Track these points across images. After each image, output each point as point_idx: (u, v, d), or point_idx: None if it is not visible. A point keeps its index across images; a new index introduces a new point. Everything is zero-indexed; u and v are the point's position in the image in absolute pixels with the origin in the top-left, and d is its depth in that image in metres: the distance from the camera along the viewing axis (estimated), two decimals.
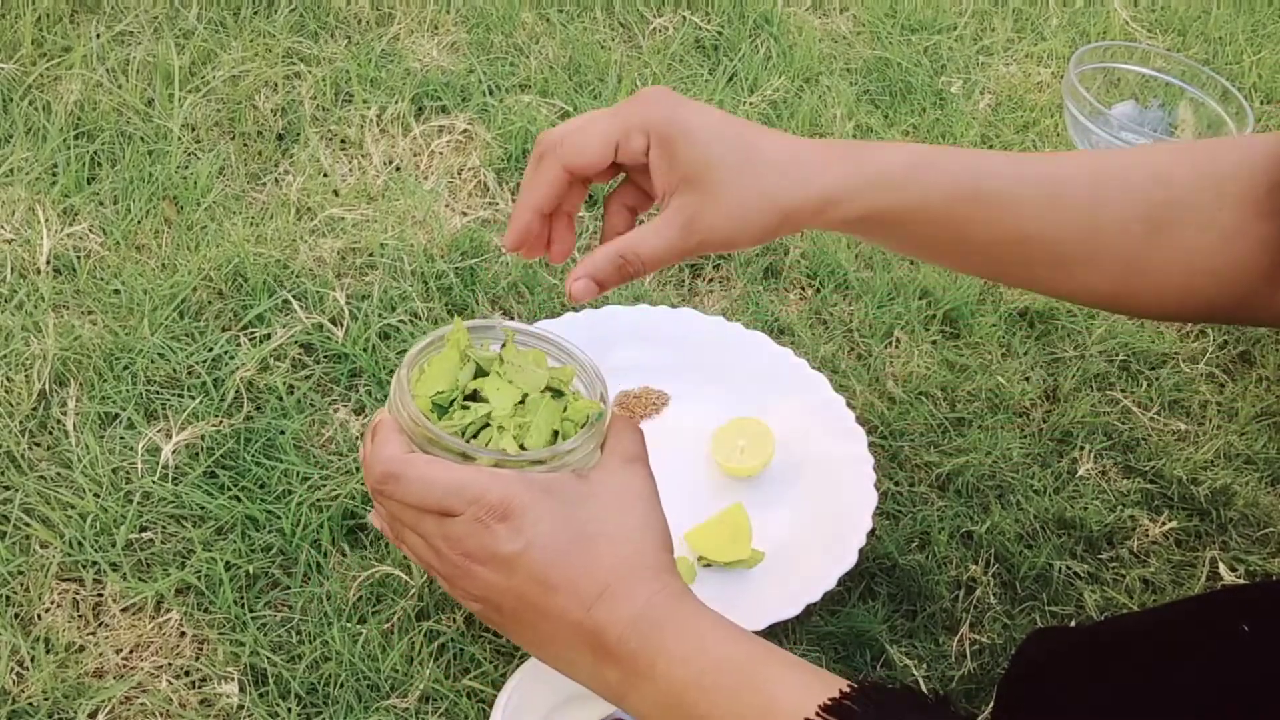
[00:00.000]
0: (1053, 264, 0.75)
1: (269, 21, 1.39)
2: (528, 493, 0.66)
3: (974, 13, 1.58)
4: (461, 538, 0.66)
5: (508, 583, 0.66)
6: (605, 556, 0.66)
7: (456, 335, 0.76)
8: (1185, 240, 0.72)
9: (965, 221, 0.72)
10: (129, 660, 0.85)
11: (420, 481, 0.67)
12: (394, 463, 0.67)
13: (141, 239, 1.14)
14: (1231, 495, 1.05)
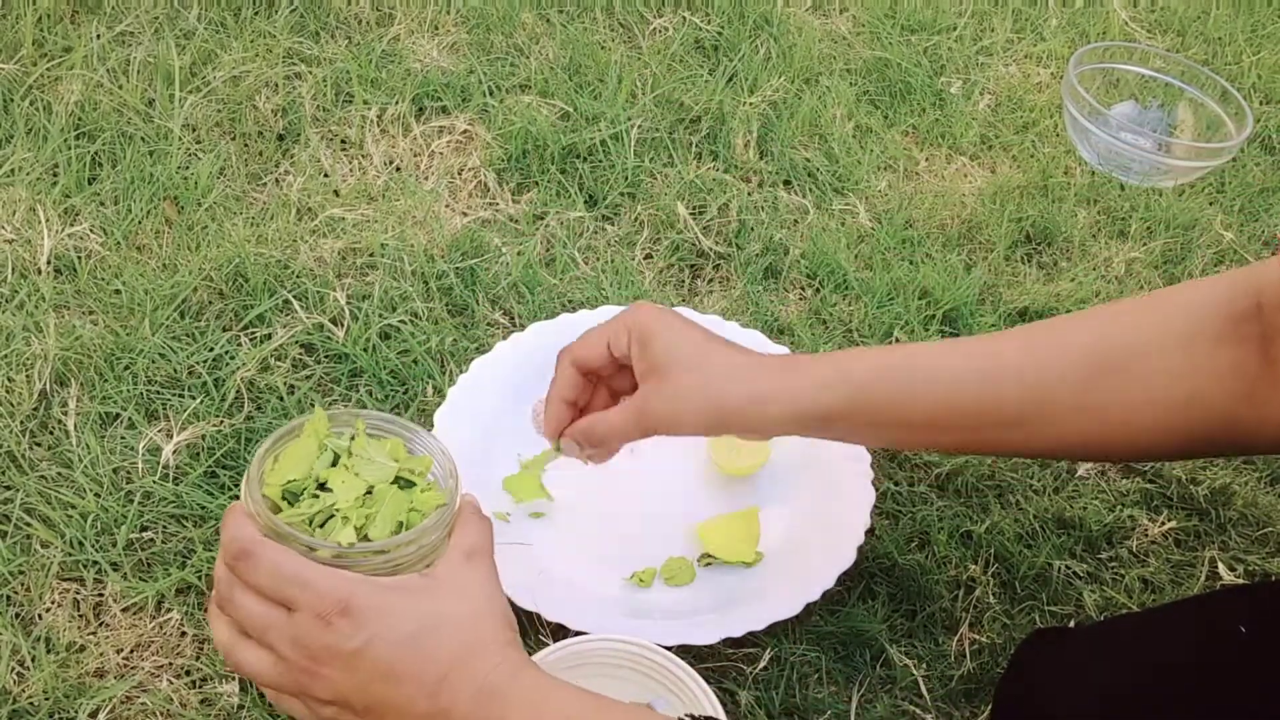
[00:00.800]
0: (999, 427, 0.79)
1: (269, 22, 1.39)
2: (369, 589, 0.70)
3: (973, 13, 1.58)
4: (305, 638, 0.69)
5: (353, 680, 0.69)
6: (446, 642, 0.70)
7: (315, 423, 0.79)
8: (1137, 379, 0.75)
9: (902, 407, 0.79)
10: (129, 660, 0.85)
11: (270, 563, 0.70)
12: (249, 542, 0.71)
13: (142, 239, 1.15)
14: (1231, 495, 1.05)
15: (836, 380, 0.78)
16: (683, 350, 0.80)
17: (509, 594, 0.88)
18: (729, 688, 0.88)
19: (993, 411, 0.77)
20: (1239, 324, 0.74)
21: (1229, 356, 0.73)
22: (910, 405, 0.78)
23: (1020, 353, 0.77)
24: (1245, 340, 0.74)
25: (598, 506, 0.99)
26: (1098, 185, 1.35)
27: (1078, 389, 0.76)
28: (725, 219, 1.25)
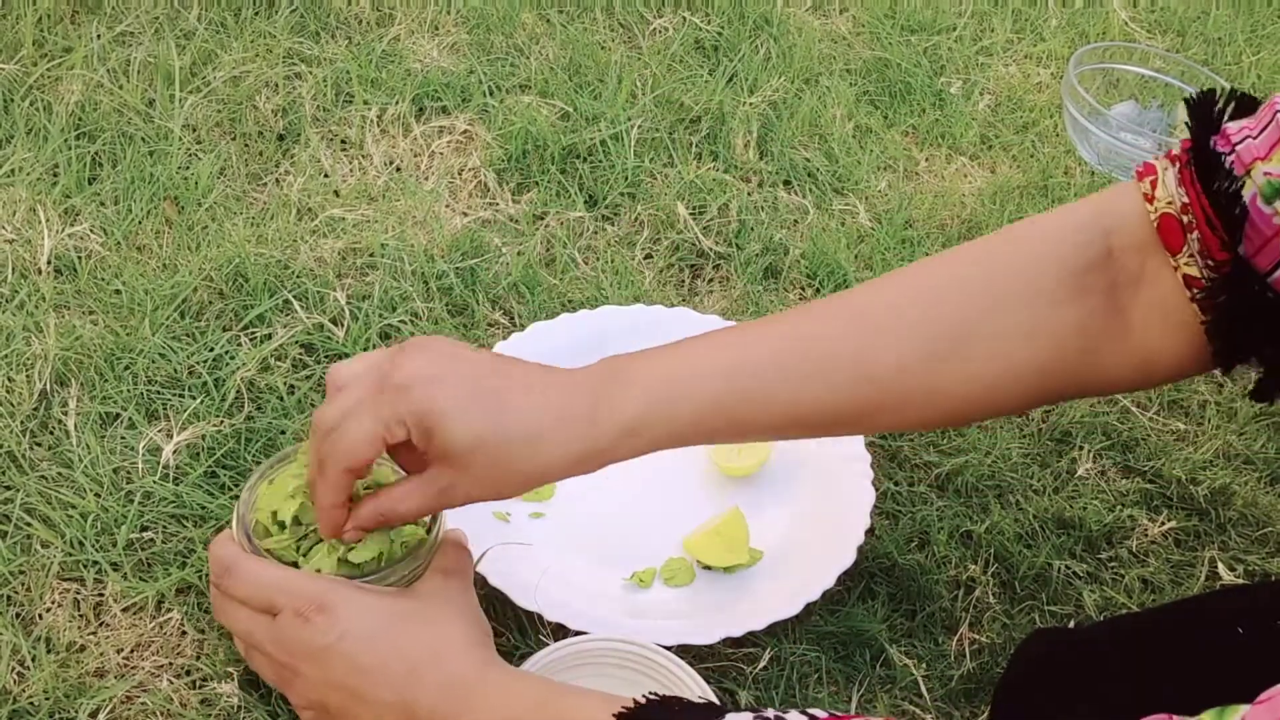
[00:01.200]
0: (850, 423, 0.75)
1: (269, 22, 1.39)
2: (347, 590, 0.73)
3: (973, 13, 1.58)
4: (284, 638, 0.72)
5: (325, 676, 0.71)
6: (416, 637, 0.72)
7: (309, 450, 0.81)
8: (976, 359, 0.71)
9: (740, 422, 0.73)
10: (130, 660, 0.85)
11: (251, 574, 0.74)
12: (229, 559, 0.75)
13: (142, 239, 1.15)
14: (1230, 495, 1.05)
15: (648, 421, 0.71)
16: (473, 434, 0.69)
17: (509, 594, 0.89)
18: (729, 688, 0.88)
19: (840, 414, 0.74)
20: (1083, 277, 0.70)
21: (1072, 316, 0.70)
22: (752, 422, 0.73)
23: (854, 345, 0.72)
24: (1089, 293, 0.70)
25: (598, 506, 0.99)
26: (1098, 185, 1.35)
27: (919, 376, 0.72)
28: (725, 219, 1.25)
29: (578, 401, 0.71)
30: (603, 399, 0.71)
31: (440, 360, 0.71)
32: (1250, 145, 0.64)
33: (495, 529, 0.96)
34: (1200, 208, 0.66)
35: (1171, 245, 0.68)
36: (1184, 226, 0.67)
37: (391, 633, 0.72)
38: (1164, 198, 0.68)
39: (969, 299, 0.72)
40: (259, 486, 0.82)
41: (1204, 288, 0.67)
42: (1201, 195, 0.66)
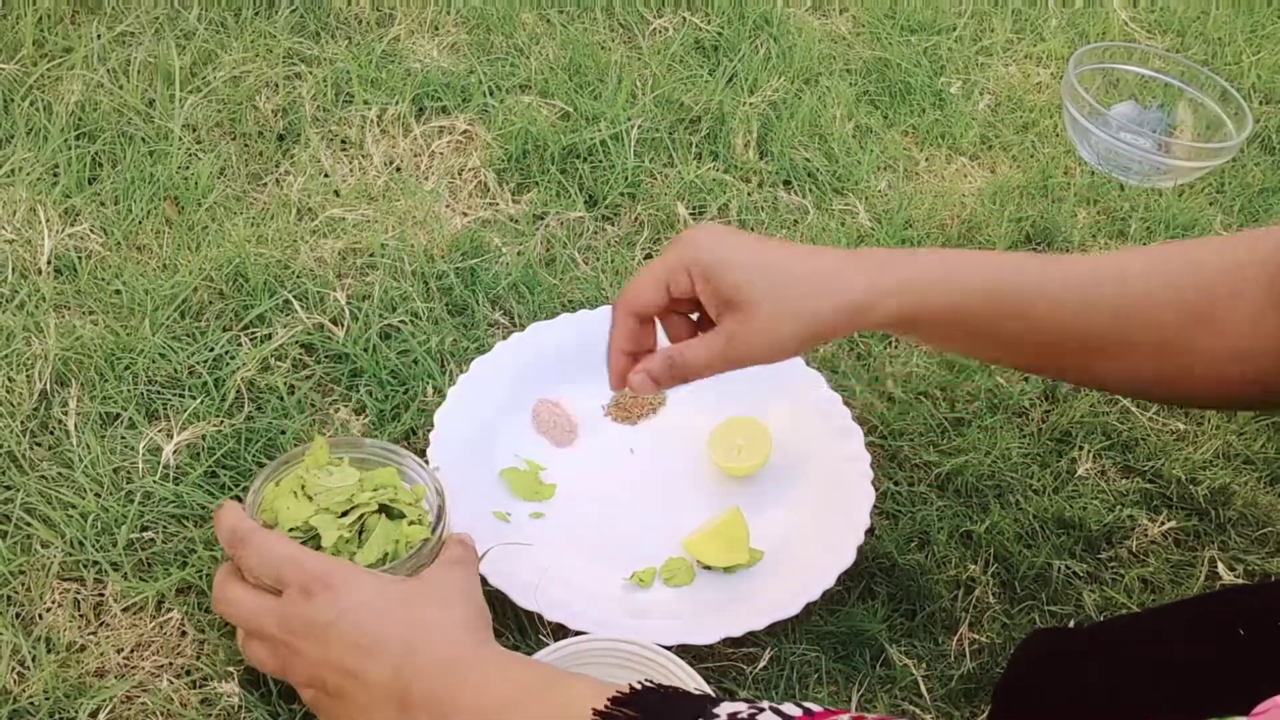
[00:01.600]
0: (1083, 353, 0.78)
1: (270, 22, 1.40)
2: (353, 570, 0.74)
3: (973, 13, 1.58)
4: (287, 613, 0.73)
5: (324, 654, 0.71)
6: (416, 618, 0.72)
7: (315, 452, 0.85)
8: (1215, 327, 0.74)
9: (996, 319, 0.77)
10: (130, 660, 0.85)
11: (263, 546, 0.75)
12: (244, 530, 0.76)
13: (142, 239, 1.15)
14: (1230, 495, 1.05)
15: (931, 285, 0.76)
16: (754, 277, 0.76)
17: (509, 594, 0.89)
18: (729, 687, 0.88)
19: (1079, 338, 0.77)
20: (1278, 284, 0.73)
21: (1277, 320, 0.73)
22: (1004, 327, 0.77)
23: (1116, 285, 0.76)
24: None
25: (598, 506, 0.99)
26: (1097, 185, 1.35)
27: (1167, 333, 0.75)
28: (725, 219, 1.25)
29: (857, 258, 0.77)
30: (883, 259, 0.77)
31: (720, 230, 0.79)
32: None
33: (495, 529, 0.96)
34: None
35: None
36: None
37: (391, 612, 0.72)
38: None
39: (1222, 273, 0.75)
40: (264, 488, 0.83)
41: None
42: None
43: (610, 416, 1.06)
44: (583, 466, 1.02)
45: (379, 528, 0.81)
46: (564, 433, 1.04)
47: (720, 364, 0.79)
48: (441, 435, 0.99)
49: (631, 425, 1.06)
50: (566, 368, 1.06)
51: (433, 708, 0.69)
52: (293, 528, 0.81)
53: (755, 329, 0.76)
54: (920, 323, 0.77)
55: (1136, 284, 0.76)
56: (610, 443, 1.05)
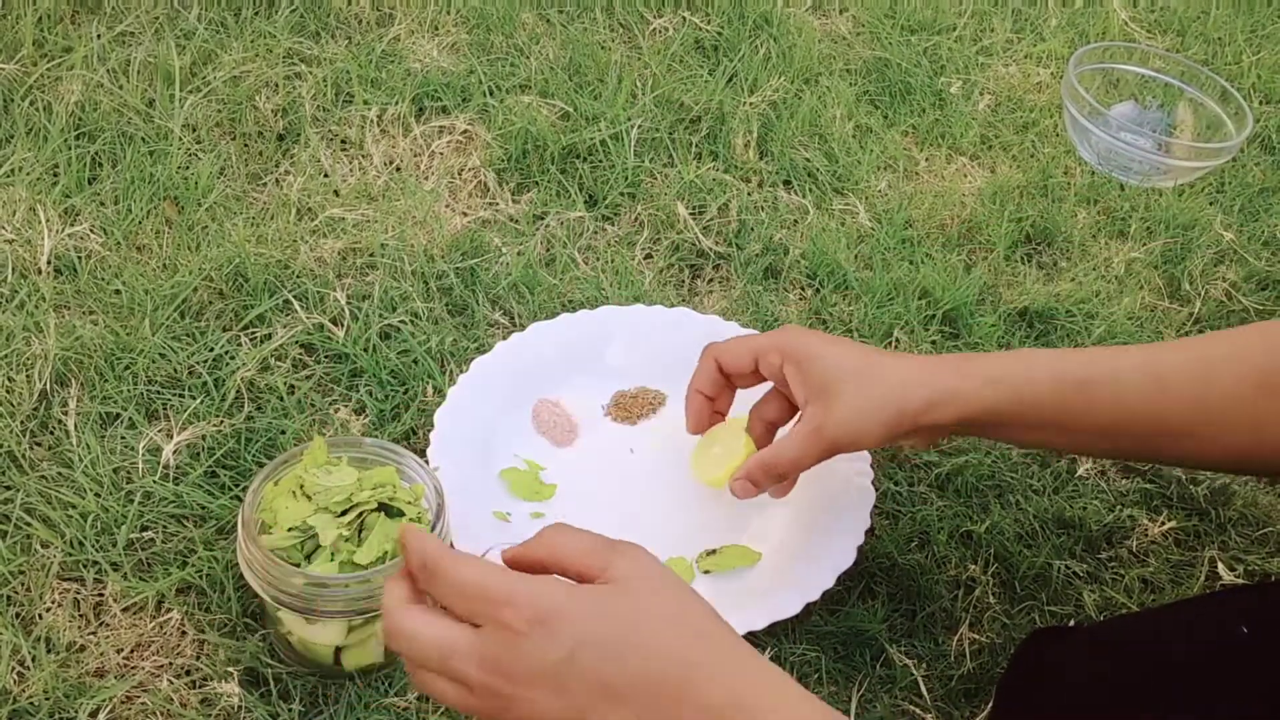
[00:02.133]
0: (1167, 436, 0.80)
1: (269, 22, 1.39)
2: (559, 591, 0.59)
3: (973, 13, 1.58)
4: (497, 657, 0.58)
5: (562, 701, 0.58)
6: (664, 644, 0.58)
7: (314, 452, 0.84)
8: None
9: (1072, 411, 0.80)
10: (130, 660, 0.85)
11: (453, 573, 0.61)
12: (431, 554, 0.62)
13: (142, 239, 1.15)
14: (1230, 495, 1.05)
15: (1006, 377, 0.80)
16: (847, 366, 0.81)
17: None
18: None
19: (1158, 423, 0.78)
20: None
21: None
22: (1080, 412, 0.79)
23: (1190, 364, 0.78)
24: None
25: (597, 507, 0.99)
26: (1098, 185, 1.35)
27: (1245, 405, 0.76)
28: (725, 219, 1.25)
29: (942, 358, 0.83)
30: (965, 360, 0.82)
31: (820, 332, 0.87)
32: None
33: (495, 529, 0.96)
34: None
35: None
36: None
37: (634, 640, 0.58)
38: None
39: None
40: (264, 488, 0.83)
41: None
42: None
43: (610, 416, 1.06)
44: (583, 466, 1.02)
45: (378, 526, 0.81)
46: (564, 433, 1.04)
47: (811, 457, 0.83)
48: (441, 435, 0.99)
49: (631, 425, 1.06)
50: (566, 368, 1.06)
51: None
52: (291, 527, 0.81)
53: (841, 418, 0.80)
54: (998, 417, 0.80)
55: (1212, 365, 0.78)
56: (610, 443, 1.05)
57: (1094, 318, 1.19)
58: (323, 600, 0.79)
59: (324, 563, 0.80)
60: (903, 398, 0.80)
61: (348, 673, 0.85)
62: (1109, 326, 1.18)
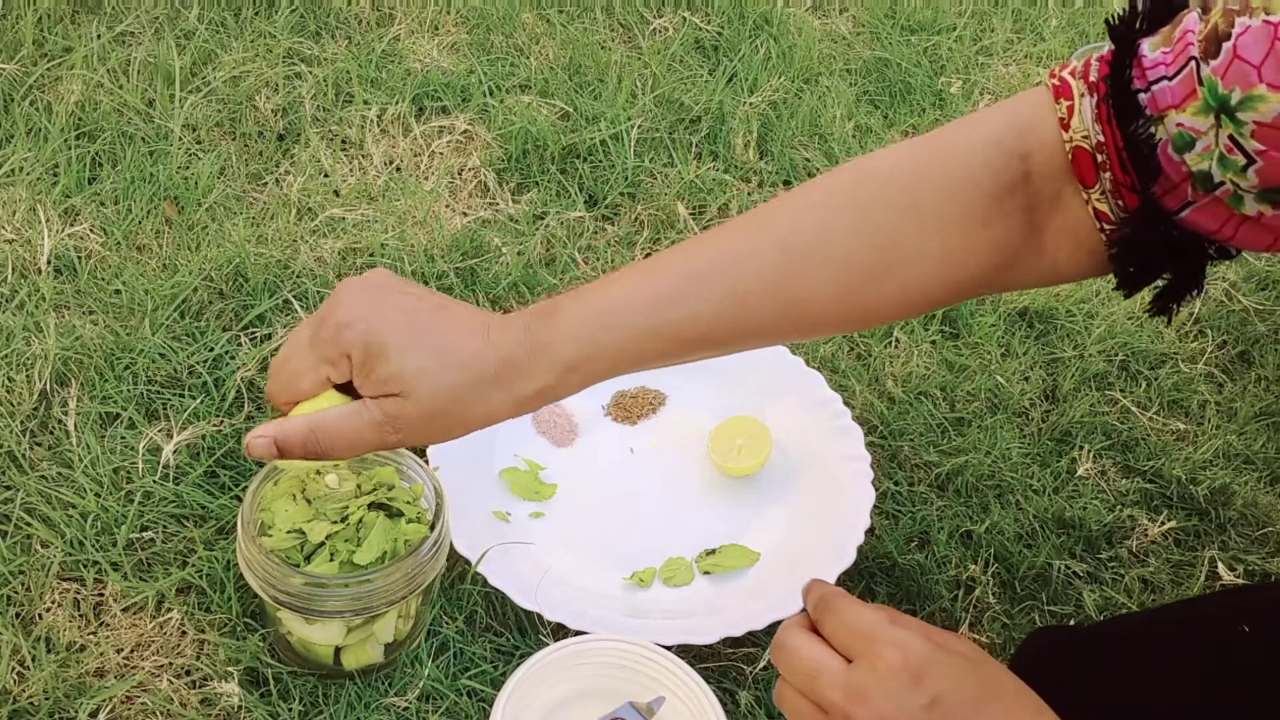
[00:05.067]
0: (766, 340, 0.76)
1: (270, 22, 1.39)
2: (933, 646, 0.61)
3: (973, 13, 1.58)
4: (863, 688, 0.61)
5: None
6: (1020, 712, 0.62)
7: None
8: (899, 284, 0.71)
9: (667, 350, 0.72)
10: (130, 660, 0.85)
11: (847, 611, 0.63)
12: (830, 594, 0.65)
13: (142, 239, 1.15)
14: (1230, 495, 1.05)
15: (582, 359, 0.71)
16: (418, 365, 0.69)
17: (509, 594, 0.89)
18: (729, 688, 0.88)
19: (752, 332, 0.73)
20: (1002, 200, 0.70)
21: (991, 237, 0.70)
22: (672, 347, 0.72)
23: (778, 275, 0.72)
24: (1008, 215, 0.70)
25: (598, 506, 0.99)
26: None
27: (840, 302, 0.72)
28: (725, 219, 1.25)
29: (517, 348, 0.70)
30: (540, 343, 0.71)
31: (378, 297, 0.71)
32: (1165, 89, 0.63)
33: (495, 529, 0.96)
34: (1115, 150, 0.66)
35: (1085, 180, 0.68)
36: (1097, 165, 0.67)
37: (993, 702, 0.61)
38: (1079, 129, 0.67)
39: (898, 218, 0.71)
40: (263, 488, 0.83)
41: (1113, 224, 0.68)
42: (1118, 137, 0.66)
43: (610, 416, 1.06)
44: (583, 466, 1.02)
45: (377, 526, 0.81)
46: (564, 433, 1.04)
47: (372, 445, 0.71)
48: None
49: (631, 425, 1.06)
50: None
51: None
52: (290, 529, 0.81)
53: (417, 416, 0.70)
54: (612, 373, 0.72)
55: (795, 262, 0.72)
56: (610, 443, 1.05)
57: (1094, 317, 1.19)
58: (321, 600, 0.79)
59: (323, 563, 0.80)
60: (483, 410, 0.70)
61: (347, 672, 0.85)
62: (1109, 326, 1.18)
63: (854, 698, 0.60)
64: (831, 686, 0.61)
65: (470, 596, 0.91)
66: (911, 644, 0.60)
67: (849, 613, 0.63)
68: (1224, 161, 0.62)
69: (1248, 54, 0.59)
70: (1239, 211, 0.63)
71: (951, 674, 0.60)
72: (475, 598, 0.91)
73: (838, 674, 0.61)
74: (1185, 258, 0.68)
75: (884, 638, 0.60)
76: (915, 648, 0.60)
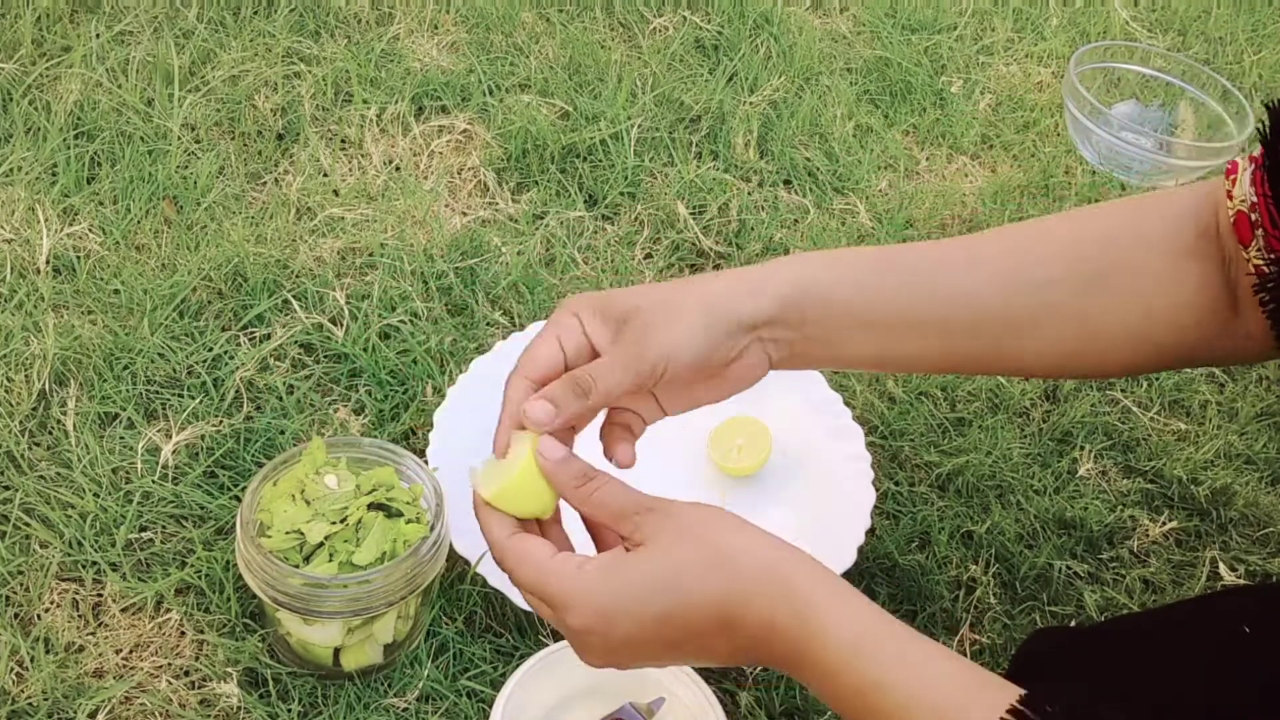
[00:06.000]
0: (988, 335, 0.75)
1: (269, 21, 1.39)
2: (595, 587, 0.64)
3: (974, 12, 1.58)
4: (572, 642, 0.67)
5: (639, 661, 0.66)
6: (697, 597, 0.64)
7: (313, 452, 0.84)
8: (1120, 289, 0.73)
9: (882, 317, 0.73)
10: (129, 660, 0.85)
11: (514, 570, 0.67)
12: (494, 546, 0.68)
13: (141, 239, 1.14)
14: (1231, 495, 1.05)
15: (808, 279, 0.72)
16: (646, 293, 0.71)
17: (509, 594, 0.89)
18: (729, 688, 0.88)
19: (974, 318, 0.74)
20: (1205, 240, 0.73)
21: (1199, 270, 0.73)
22: (888, 316, 0.73)
23: (1006, 259, 0.74)
24: (1209, 256, 0.73)
25: None
26: (1099, 185, 1.35)
27: (1065, 294, 0.73)
28: (725, 219, 1.25)
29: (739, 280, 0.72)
30: (760, 272, 0.73)
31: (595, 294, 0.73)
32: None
33: None
34: (1265, 204, 0.70)
35: (1243, 239, 0.71)
36: (1252, 224, 0.71)
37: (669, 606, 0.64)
38: (1239, 196, 0.72)
39: (1117, 233, 0.74)
40: (263, 488, 0.83)
41: (1265, 279, 0.71)
42: (1268, 197, 0.70)
43: None
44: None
45: (376, 526, 0.81)
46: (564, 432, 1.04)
47: (635, 375, 0.70)
48: (441, 435, 0.98)
49: None
50: None
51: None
52: (289, 530, 0.80)
53: (659, 329, 0.70)
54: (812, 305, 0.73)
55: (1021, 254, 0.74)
56: None
57: None
58: (320, 601, 0.79)
59: (322, 563, 0.80)
60: (714, 295, 0.71)
61: (347, 673, 0.85)
62: None
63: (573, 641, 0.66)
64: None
65: (470, 597, 0.90)
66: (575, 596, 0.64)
67: (518, 574, 0.66)
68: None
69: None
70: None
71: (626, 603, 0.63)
72: (475, 598, 0.90)
73: (551, 619, 0.66)
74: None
75: (558, 601, 0.64)
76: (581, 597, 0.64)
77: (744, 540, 0.65)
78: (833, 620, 0.62)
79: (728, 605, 0.63)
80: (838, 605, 0.62)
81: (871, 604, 0.63)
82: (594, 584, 0.64)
